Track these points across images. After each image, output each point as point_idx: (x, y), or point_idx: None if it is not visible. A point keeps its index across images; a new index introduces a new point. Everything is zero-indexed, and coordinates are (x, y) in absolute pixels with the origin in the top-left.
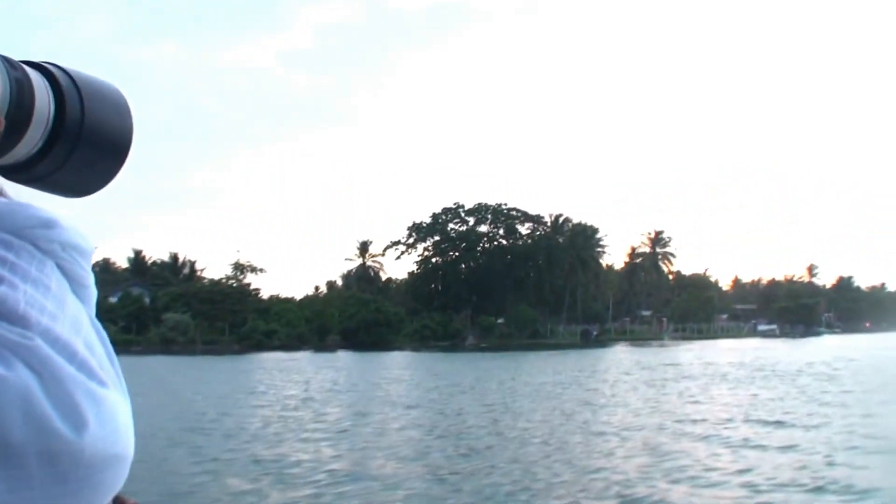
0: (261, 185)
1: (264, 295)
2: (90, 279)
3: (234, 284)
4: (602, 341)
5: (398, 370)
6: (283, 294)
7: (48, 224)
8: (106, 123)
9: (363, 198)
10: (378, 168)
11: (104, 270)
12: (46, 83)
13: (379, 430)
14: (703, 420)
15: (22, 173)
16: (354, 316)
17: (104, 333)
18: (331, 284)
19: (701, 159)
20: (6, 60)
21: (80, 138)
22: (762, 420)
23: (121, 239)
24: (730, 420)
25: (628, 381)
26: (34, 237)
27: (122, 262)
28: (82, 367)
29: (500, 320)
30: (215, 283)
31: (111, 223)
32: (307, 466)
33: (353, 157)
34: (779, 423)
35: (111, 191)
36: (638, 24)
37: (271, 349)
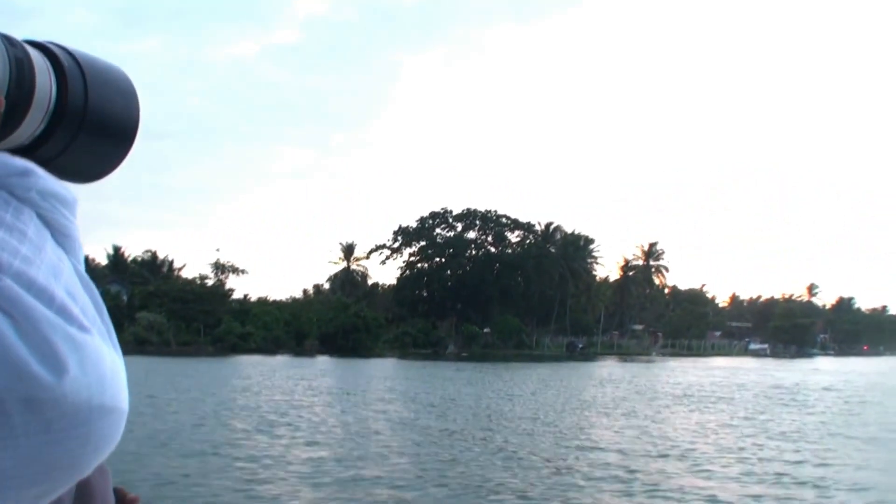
0: (246, 184)
1: (244, 297)
2: (74, 229)
3: (208, 284)
4: (588, 355)
5: (356, 379)
6: (271, 297)
7: (24, 172)
8: (110, 107)
9: (351, 200)
10: (367, 170)
11: None
12: (48, 63)
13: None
14: (601, 448)
15: (24, 157)
16: (333, 320)
17: (92, 285)
18: (318, 288)
19: (699, 170)
20: (6, 38)
21: (83, 122)
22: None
23: (101, 235)
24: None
25: (579, 398)
26: (10, 185)
27: (102, 259)
28: (62, 311)
29: (486, 329)
30: (188, 283)
31: (92, 218)
32: None
33: (341, 159)
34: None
35: (93, 184)
36: (633, 30)
37: (246, 352)
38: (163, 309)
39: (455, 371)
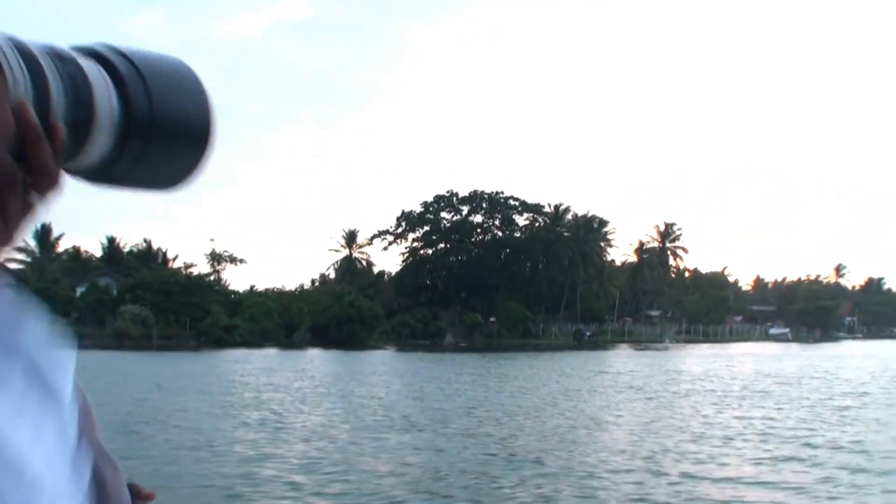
0: (246, 170)
1: (240, 287)
2: (67, 386)
3: (193, 274)
4: (596, 343)
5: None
6: (273, 287)
7: (15, 323)
8: (179, 109)
9: (354, 186)
10: (372, 153)
11: (73, 259)
12: (104, 73)
13: None
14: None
15: (102, 177)
16: (326, 311)
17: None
18: (324, 278)
19: (721, 148)
20: (55, 55)
21: (152, 131)
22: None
23: (99, 226)
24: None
25: (553, 390)
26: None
27: (97, 251)
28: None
29: (492, 319)
30: (172, 273)
31: (86, 209)
32: None
33: (345, 141)
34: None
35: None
36: (646, 13)
37: (232, 346)
38: (146, 302)
39: (431, 363)
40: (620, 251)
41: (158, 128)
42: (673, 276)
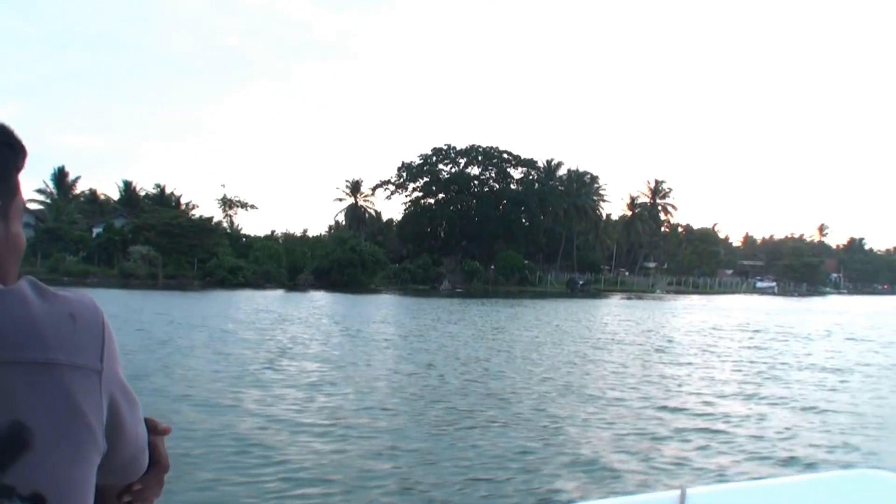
0: (259, 119)
1: (253, 232)
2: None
3: (195, 217)
4: (588, 292)
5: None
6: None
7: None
8: None
9: (358, 137)
10: (376, 105)
11: (90, 201)
12: None
13: None
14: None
15: None
16: (329, 255)
17: None
18: (338, 225)
19: (712, 105)
20: None
21: None
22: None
23: (119, 170)
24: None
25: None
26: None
27: (114, 194)
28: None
29: (492, 266)
30: (176, 215)
31: (107, 152)
32: None
33: (351, 93)
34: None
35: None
36: None
37: (235, 287)
38: (153, 242)
39: (419, 305)
40: (614, 206)
41: None
42: (667, 230)
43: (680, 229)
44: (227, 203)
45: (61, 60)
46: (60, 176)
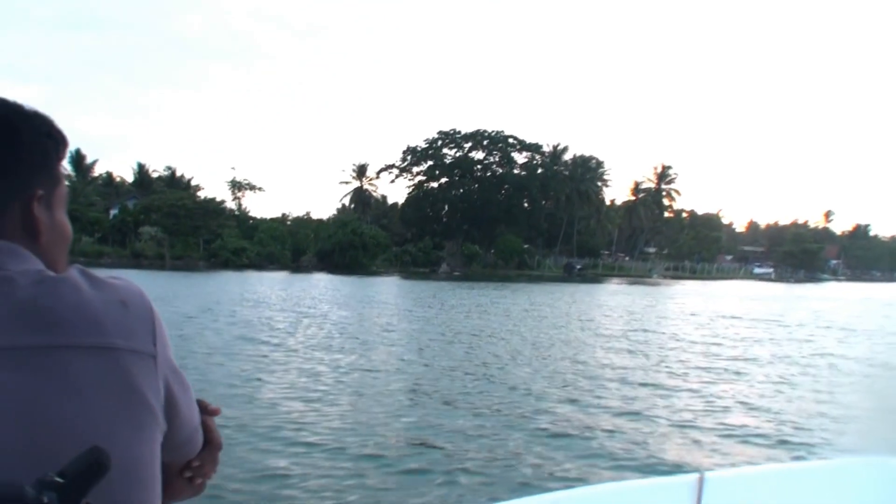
0: (269, 102)
1: (259, 215)
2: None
3: (200, 198)
4: (585, 276)
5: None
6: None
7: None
8: None
9: (371, 120)
10: (387, 90)
11: (107, 184)
12: None
13: None
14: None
15: None
16: (331, 237)
17: None
18: (345, 208)
19: (719, 92)
20: None
21: None
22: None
23: (135, 152)
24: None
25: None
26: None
27: (129, 177)
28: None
29: (492, 250)
30: (181, 197)
31: (122, 135)
32: None
33: (361, 77)
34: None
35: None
36: None
37: (239, 268)
38: (160, 223)
39: (413, 288)
40: (617, 191)
41: None
42: (671, 216)
43: (684, 215)
44: (236, 185)
45: (76, 42)
46: (78, 159)
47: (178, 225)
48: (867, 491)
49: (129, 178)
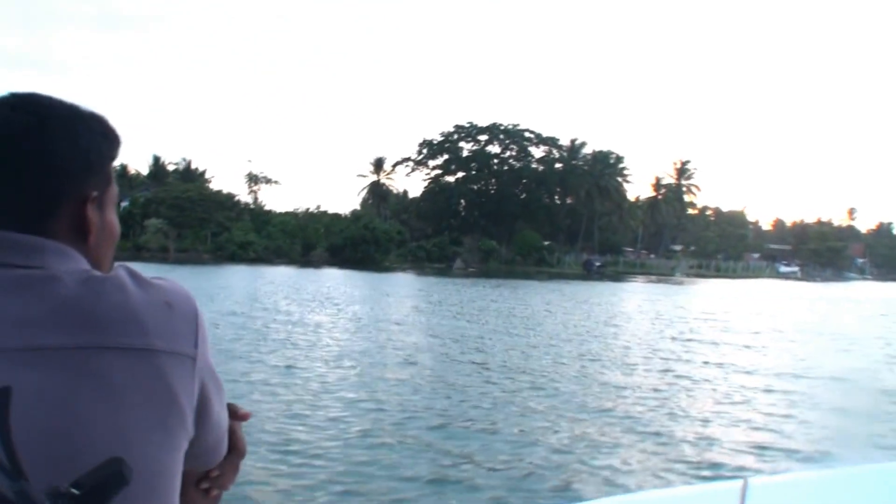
0: (287, 96)
1: (274, 208)
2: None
3: (207, 190)
4: (605, 274)
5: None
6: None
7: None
8: None
9: (389, 114)
10: (405, 84)
11: (121, 176)
12: None
13: None
14: None
15: None
16: (342, 232)
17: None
18: (364, 202)
19: (743, 88)
20: None
21: None
22: None
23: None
24: None
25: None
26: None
27: (144, 169)
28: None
29: (510, 246)
30: (185, 189)
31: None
32: None
33: (379, 70)
34: None
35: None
36: None
37: (246, 262)
38: (162, 216)
39: (423, 285)
40: (638, 187)
41: None
42: (696, 212)
43: (709, 212)
44: (252, 179)
45: (102, 38)
46: None
47: (184, 217)
48: None
49: (145, 171)
